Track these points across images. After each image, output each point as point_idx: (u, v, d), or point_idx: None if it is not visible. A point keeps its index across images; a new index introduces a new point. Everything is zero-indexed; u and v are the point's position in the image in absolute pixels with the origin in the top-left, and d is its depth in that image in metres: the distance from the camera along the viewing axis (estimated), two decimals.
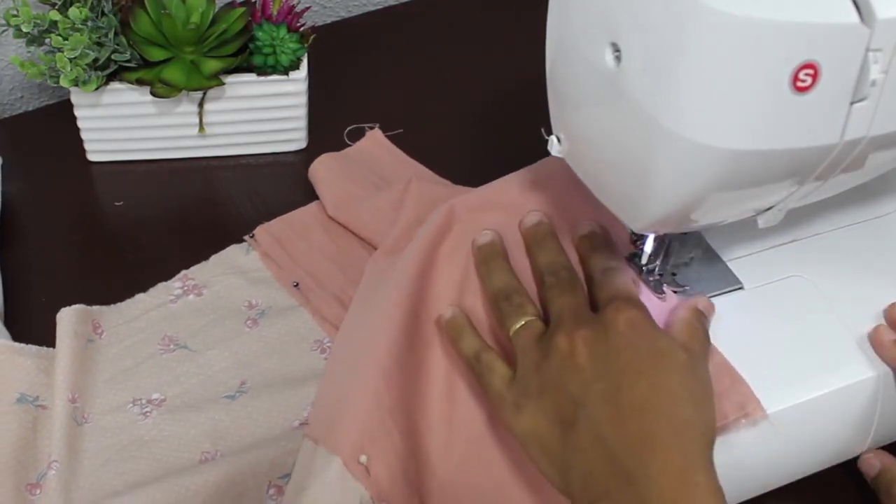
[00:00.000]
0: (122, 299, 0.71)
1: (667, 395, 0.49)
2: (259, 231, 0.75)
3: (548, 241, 0.60)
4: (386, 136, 0.83)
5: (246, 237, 0.74)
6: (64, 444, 0.62)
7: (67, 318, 0.67)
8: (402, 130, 0.83)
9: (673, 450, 0.48)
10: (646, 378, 0.50)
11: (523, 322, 0.55)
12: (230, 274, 0.72)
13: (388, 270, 0.64)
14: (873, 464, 0.60)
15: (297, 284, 0.71)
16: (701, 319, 0.56)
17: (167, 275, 0.73)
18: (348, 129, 0.83)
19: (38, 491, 0.60)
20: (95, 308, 0.69)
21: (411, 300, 0.60)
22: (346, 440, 0.57)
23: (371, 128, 0.82)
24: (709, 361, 0.55)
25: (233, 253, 0.74)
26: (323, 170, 0.77)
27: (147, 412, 0.64)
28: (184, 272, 0.72)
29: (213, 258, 0.73)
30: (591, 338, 0.52)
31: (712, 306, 0.58)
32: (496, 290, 0.57)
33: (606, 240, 0.60)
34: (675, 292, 0.61)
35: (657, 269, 0.62)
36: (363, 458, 0.56)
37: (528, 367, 0.53)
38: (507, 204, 0.63)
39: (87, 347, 0.67)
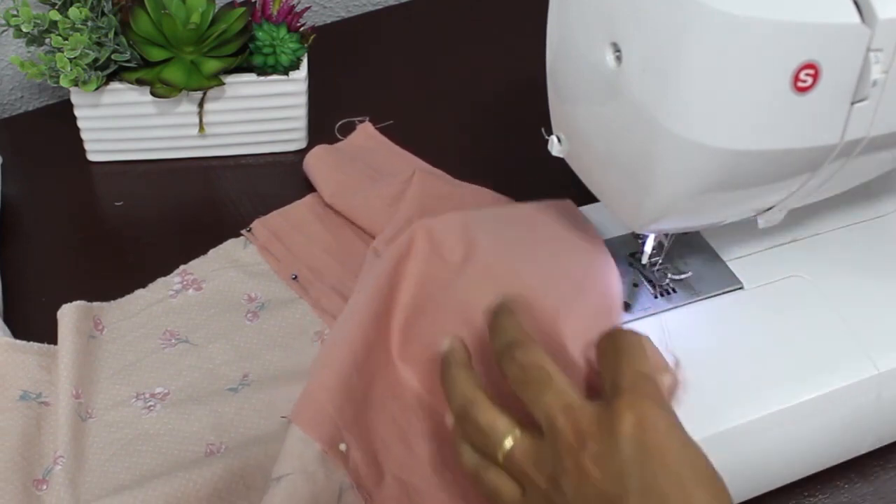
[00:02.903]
0: (118, 299, 0.71)
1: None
2: (256, 225, 0.75)
3: (505, 318, 0.51)
4: (377, 128, 0.83)
5: (243, 231, 0.74)
6: (69, 439, 0.62)
7: (69, 315, 0.67)
8: (391, 122, 0.83)
9: None
10: (674, 493, 0.43)
11: (506, 445, 0.47)
12: (229, 268, 0.72)
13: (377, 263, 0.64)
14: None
15: (295, 277, 0.71)
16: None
17: (167, 274, 0.73)
18: (339, 123, 0.83)
19: (44, 486, 0.60)
20: (96, 304, 0.69)
21: (378, 306, 0.60)
22: (324, 428, 0.56)
23: (361, 121, 0.83)
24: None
25: (231, 247, 0.74)
26: (317, 161, 0.78)
27: (151, 406, 0.64)
28: (182, 267, 0.72)
29: (212, 252, 0.73)
30: (598, 455, 0.44)
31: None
32: (456, 408, 0.50)
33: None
34: (677, 287, 0.61)
35: (658, 268, 0.62)
36: (342, 447, 0.56)
37: (536, 488, 0.46)
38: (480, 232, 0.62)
39: (88, 343, 0.67)
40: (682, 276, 0.62)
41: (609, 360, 0.48)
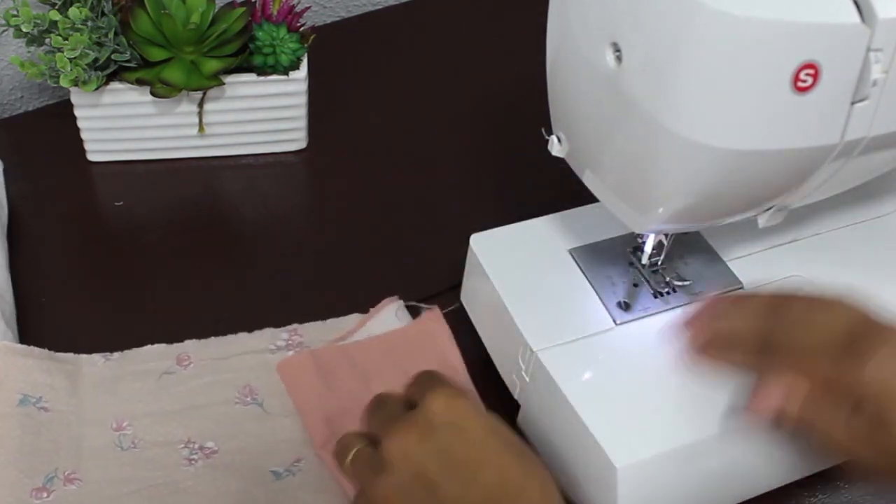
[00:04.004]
0: (121, 298, 0.71)
1: (513, 477, 0.49)
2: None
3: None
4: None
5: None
6: (94, 465, 0.60)
7: (146, 356, 0.66)
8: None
9: None
10: (487, 465, 0.49)
11: (353, 452, 0.52)
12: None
13: None
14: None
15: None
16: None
17: (167, 274, 0.73)
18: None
19: (45, 496, 0.58)
20: (190, 343, 0.67)
21: None
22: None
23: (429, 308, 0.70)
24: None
25: (352, 321, 0.69)
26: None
27: (194, 459, 0.61)
28: (295, 325, 0.68)
29: (330, 321, 0.69)
30: (414, 436, 0.50)
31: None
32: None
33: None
34: (677, 287, 0.61)
35: (658, 268, 0.62)
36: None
37: (366, 486, 0.51)
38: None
39: (159, 380, 0.65)
40: (684, 284, 0.62)
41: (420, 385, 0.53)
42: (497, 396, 0.63)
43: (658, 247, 0.62)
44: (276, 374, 0.66)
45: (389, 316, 0.69)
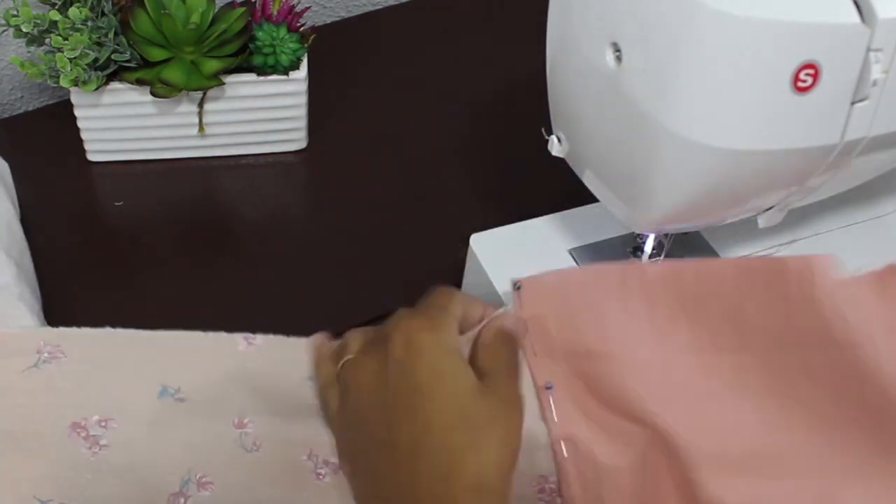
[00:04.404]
0: (121, 298, 0.71)
1: (437, 432, 0.42)
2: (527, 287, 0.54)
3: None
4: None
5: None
6: (223, 467, 0.56)
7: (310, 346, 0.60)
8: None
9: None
10: (417, 413, 0.42)
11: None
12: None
13: None
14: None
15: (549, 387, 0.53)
16: (507, 342, 0.47)
17: (167, 275, 0.73)
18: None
19: (182, 501, 0.54)
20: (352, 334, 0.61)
21: None
22: None
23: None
24: (518, 385, 0.46)
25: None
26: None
27: (321, 474, 0.56)
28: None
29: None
30: (369, 367, 0.44)
31: (523, 324, 0.49)
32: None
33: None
34: None
35: None
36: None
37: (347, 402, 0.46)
38: None
39: (300, 386, 0.59)
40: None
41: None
42: None
43: (658, 247, 0.62)
44: None
45: None
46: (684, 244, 0.63)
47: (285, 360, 0.60)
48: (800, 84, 0.46)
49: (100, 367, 0.59)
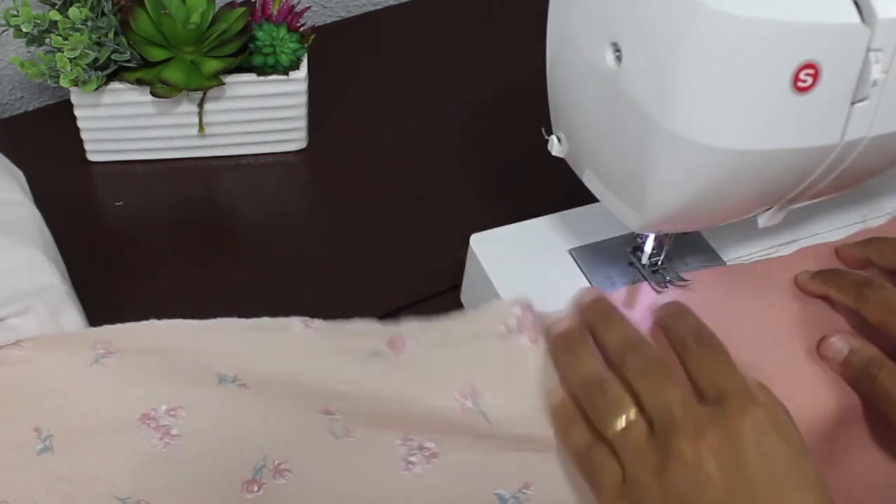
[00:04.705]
0: (120, 298, 0.71)
1: None
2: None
3: (616, 317, 0.54)
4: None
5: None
6: (306, 454, 0.53)
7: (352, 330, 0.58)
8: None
9: None
10: (786, 500, 0.45)
11: (625, 419, 0.49)
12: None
13: None
14: (840, 347, 0.57)
15: None
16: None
17: (167, 275, 0.73)
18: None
19: (256, 489, 0.52)
20: (406, 325, 0.58)
21: None
22: None
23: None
24: None
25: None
26: None
27: (412, 461, 0.53)
28: (527, 301, 0.57)
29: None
30: (717, 446, 0.46)
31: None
32: (585, 379, 0.52)
33: (687, 308, 0.55)
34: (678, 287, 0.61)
35: (658, 268, 0.62)
36: None
37: (643, 473, 0.47)
38: None
39: (365, 363, 0.57)
40: (685, 285, 0.62)
41: (710, 366, 0.50)
42: None
43: (658, 247, 0.62)
44: (506, 372, 0.55)
45: None
46: (684, 244, 0.63)
47: (346, 342, 0.58)
48: (800, 84, 0.46)
49: (155, 359, 0.58)
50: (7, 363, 0.57)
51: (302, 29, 0.78)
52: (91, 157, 0.81)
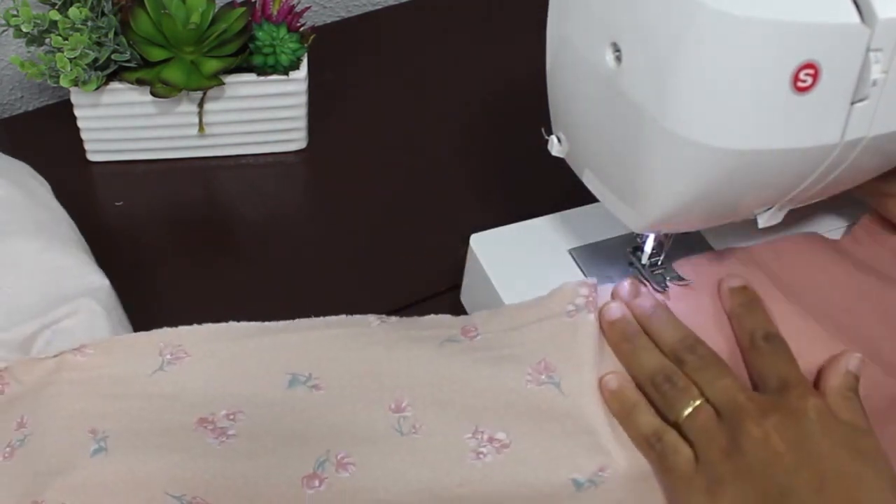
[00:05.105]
0: (120, 299, 0.71)
1: (869, 487, 0.49)
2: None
3: (667, 315, 0.57)
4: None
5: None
6: (371, 450, 0.53)
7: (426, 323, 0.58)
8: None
9: None
10: (848, 469, 0.49)
11: (694, 405, 0.52)
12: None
13: None
14: None
15: None
16: (856, 386, 0.54)
17: (167, 275, 0.73)
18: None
19: (317, 484, 0.52)
20: (477, 315, 0.58)
21: None
22: None
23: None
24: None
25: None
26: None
27: (482, 453, 0.53)
28: (593, 279, 0.59)
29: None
30: (782, 425, 0.50)
31: (861, 362, 0.55)
32: (652, 371, 0.54)
33: (758, 298, 0.58)
34: (677, 286, 0.61)
35: (658, 268, 0.62)
36: None
37: (714, 453, 0.51)
38: None
39: (440, 347, 0.56)
40: (685, 283, 0.62)
41: (775, 359, 0.55)
42: None
43: (658, 247, 0.62)
44: (575, 342, 0.55)
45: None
46: (684, 244, 0.63)
47: (421, 332, 0.58)
48: (800, 84, 0.46)
49: (225, 362, 0.58)
50: (67, 368, 0.57)
51: (302, 29, 0.78)
52: (91, 157, 0.81)
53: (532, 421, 0.54)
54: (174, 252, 0.74)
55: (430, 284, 0.72)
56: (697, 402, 0.52)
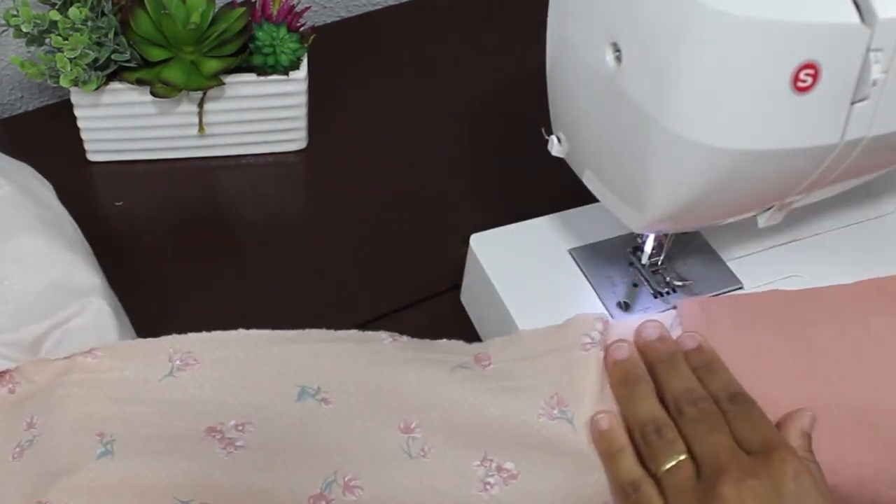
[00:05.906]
0: (120, 299, 0.71)
1: None
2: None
3: (680, 364, 0.56)
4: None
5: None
6: (379, 472, 0.53)
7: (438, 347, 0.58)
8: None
9: None
10: None
11: (676, 461, 0.52)
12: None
13: None
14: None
15: None
16: (810, 446, 0.54)
17: (167, 275, 0.73)
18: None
19: None
20: (491, 342, 0.58)
21: None
22: None
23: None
24: None
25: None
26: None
27: (489, 484, 0.52)
28: (607, 316, 0.59)
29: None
30: (760, 492, 0.49)
31: (813, 420, 0.55)
32: (644, 419, 0.54)
33: (717, 356, 0.57)
34: (677, 287, 0.61)
35: (658, 268, 0.62)
36: None
37: None
38: None
39: (451, 373, 0.56)
40: (684, 284, 0.62)
41: (747, 423, 0.53)
42: None
43: (658, 247, 0.62)
44: (588, 377, 0.55)
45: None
46: (684, 244, 0.63)
47: (433, 355, 0.58)
48: (800, 84, 0.46)
49: (234, 371, 0.57)
50: (78, 370, 0.57)
51: (302, 29, 0.78)
52: (91, 157, 0.81)
53: (542, 454, 0.53)
54: (174, 252, 0.74)
55: (430, 284, 0.72)
56: (681, 458, 0.51)
